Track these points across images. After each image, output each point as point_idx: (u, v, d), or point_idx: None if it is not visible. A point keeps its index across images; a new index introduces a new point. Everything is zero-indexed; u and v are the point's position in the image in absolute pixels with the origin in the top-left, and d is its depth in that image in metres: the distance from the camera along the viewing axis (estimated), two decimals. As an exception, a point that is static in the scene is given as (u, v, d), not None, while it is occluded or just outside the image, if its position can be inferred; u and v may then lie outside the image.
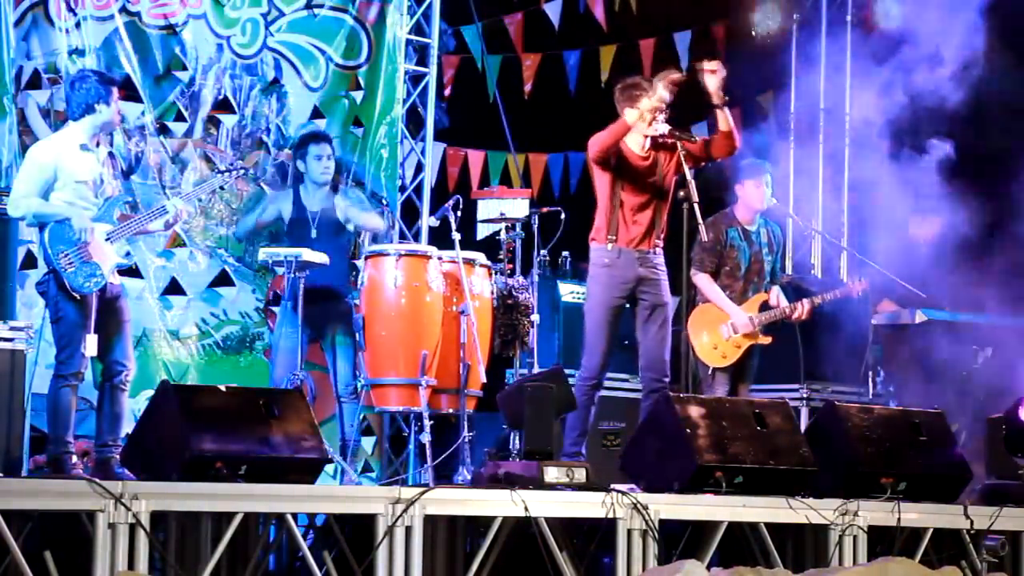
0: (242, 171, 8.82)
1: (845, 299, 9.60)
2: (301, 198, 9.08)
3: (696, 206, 8.09)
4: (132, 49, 9.54)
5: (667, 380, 8.24)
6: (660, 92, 8.13)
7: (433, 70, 10.68)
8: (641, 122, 8.22)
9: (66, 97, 7.91)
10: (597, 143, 8.20)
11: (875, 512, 7.78)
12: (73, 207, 7.66)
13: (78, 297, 7.57)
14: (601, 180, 8.34)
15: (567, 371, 8.90)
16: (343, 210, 9.08)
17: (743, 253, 9.33)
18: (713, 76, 8.15)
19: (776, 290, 9.34)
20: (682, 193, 8.20)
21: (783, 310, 9.25)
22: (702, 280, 9.25)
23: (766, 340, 9.24)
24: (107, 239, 7.72)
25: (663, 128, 8.23)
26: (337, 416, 9.04)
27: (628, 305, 8.32)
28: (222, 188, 9.15)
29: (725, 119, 8.23)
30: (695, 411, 7.70)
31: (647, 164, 8.30)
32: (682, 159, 8.18)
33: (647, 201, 8.29)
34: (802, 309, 9.25)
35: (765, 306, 9.28)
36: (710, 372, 9.19)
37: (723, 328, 9.19)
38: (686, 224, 8.25)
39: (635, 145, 8.31)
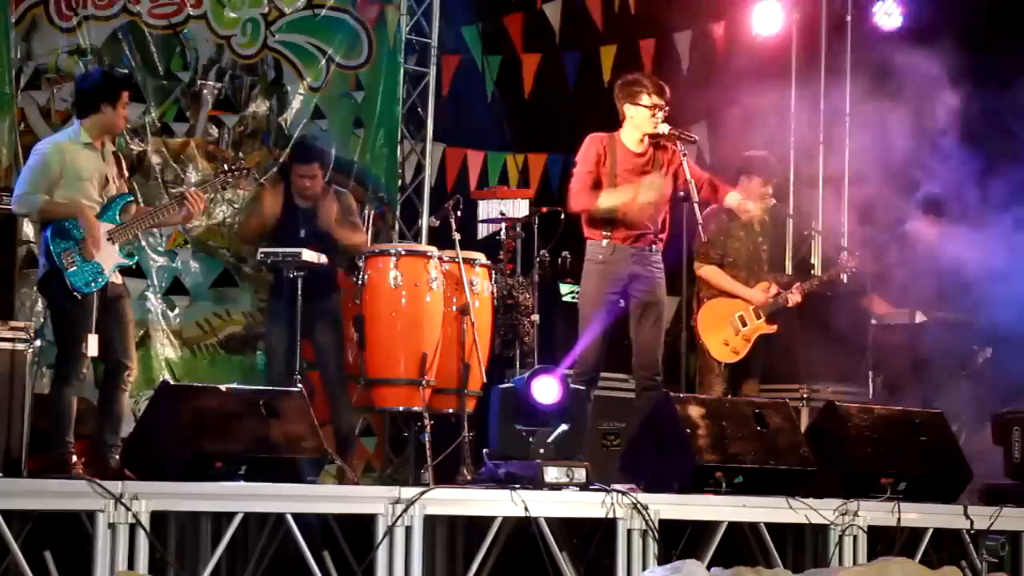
0: (245, 172, 8.81)
1: (841, 282, 9.65)
2: (292, 194, 9.04)
3: (696, 206, 8.10)
4: (133, 49, 9.53)
5: (660, 378, 8.25)
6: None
7: (433, 70, 10.68)
8: (644, 120, 8.24)
9: (75, 93, 7.90)
10: (572, 207, 8.23)
11: (875, 512, 7.79)
12: (77, 205, 7.66)
13: (79, 296, 7.57)
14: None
15: (568, 371, 8.90)
16: (332, 212, 9.02)
17: (742, 243, 9.38)
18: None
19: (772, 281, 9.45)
20: (682, 193, 8.21)
21: (784, 297, 9.32)
22: (709, 271, 9.30)
23: (772, 328, 9.30)
24: (109, 238, 7.72)
25: (663, 128, 8.24)
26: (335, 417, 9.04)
27: (622, 302, 8.32)
28: (224, 188, 9.14)
29: (735, 202, 8.45)
30: (695, 411, 7.71)
31: (643, 161, 8.30)
32: (684, 164, 8.18)
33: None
34: (795, 295, 9.36)
35: (768, 291, 9.36)
36: (722, 368, 9.23)
37: (732, 322, 9.24)
38: (686, 223, 8.26)
39: (632, 142, 8.31)
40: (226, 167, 8.74)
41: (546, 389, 7.73)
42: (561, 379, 7.81)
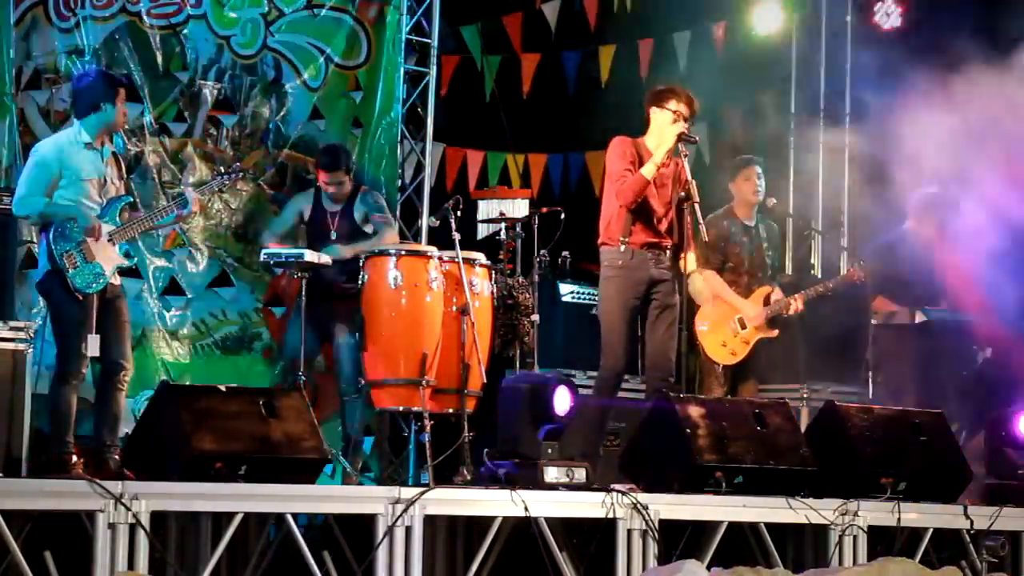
0: (241, 173, 8.82)
1: (846, 288, 9.65)
2: (322, 198, 9.10)
3: (696, 206, 8.13)
4: (132, 49, 9.52)
5: (673, 380, 8.28)
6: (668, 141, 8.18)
7: (433, 70, 10.66)
8: (665, 122, 8.29)
9: (72, 95, 7.88)
10: (625, 197, 8.20)
11: (875, 512, 7.79)
12: (78, 206, 7.66)
13: (80, 297, 7.57)
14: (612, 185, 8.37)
15: (568, 371, 8.90)
16: (362, 213, 9.09)
17: (744, 248, 9.39)
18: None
19: (775, 286, 9.45)
20: (683, 193, 8.23)
21: (786, 302, 9.33)
22: (707, 276, 9.30)
23: (773, 333, 9.31)
24: (110, 239, 7.72)
25: (674, 129, 8.28)
26: (339, 415, 9.06)
27: (640, 305, 8.35)
28: (221, 190, 9.14)
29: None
30: (695, 411, 7.71)
31: (664, 169, 8.35)
32: (685, 164, 8.22)
33: (661, 203, 8.32)
34: (796, 303, 9.36)
35: (768, 300, 9.36)
36: (720, 370, 9.23)
37: (731, 324, 9.25)
38: (687, 224, 8.27)
39: (655, 147, 8.35)
40: (223, 169, 8.76)
41: (562, 400, 7.77)
42: (571, 389, 7.83)
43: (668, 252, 8.36)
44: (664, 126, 8.33)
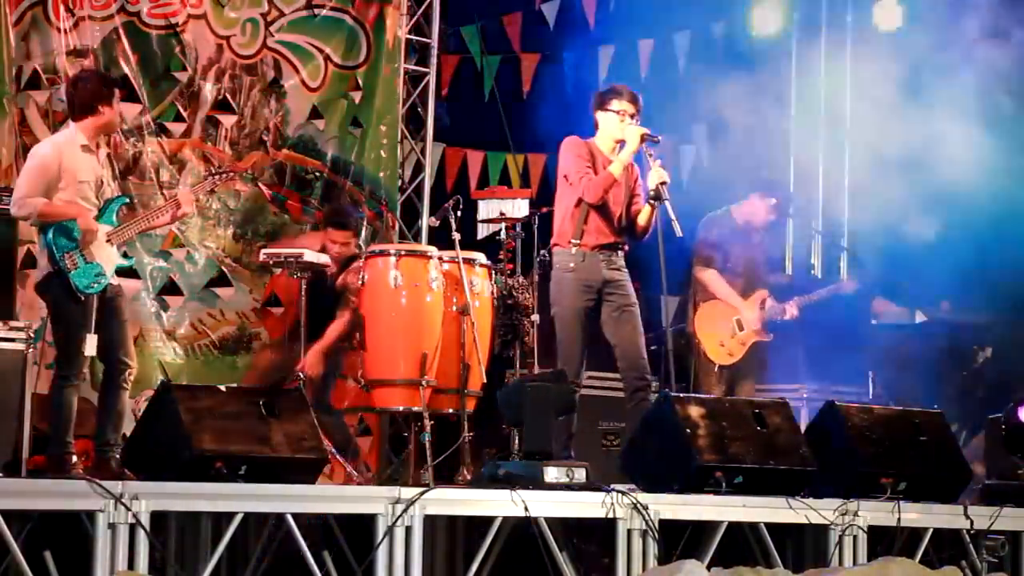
0: (232, 173, 8.81)
1: (838, 296, 9.67)
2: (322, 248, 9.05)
3: (667, 204, 8.13)
4: (131, 49, 9.51)
5: (649, 378, 8.28)
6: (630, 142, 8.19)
7: (433, 70, 10.67)
8: (613, 125, 8.29)
9: (67, 97, 7.89)
10: (594, 193, 8.20)
11: (875, 512, 7.79)
12: (77, 207, 7.66)
13: (81, 298, 7.57)
14: (567, 186, 8.37)
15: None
16: (350, 281, 9.01)
17: (743, 250, 9.41)
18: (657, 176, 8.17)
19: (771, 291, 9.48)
20: (652, 193, 8.23)
21: (781, 308, 9.34)
22: (708, 276, 9.34)
23: (768, 337, 9.34)
24: (108, 239, 7.73)
25: (632, 131, 8.28)
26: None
27: (594, 307, 8.35)
28: (213, 191, 9.14)
29: (648, 216, 8.27)
30: (695, 411, 7.71)
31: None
32: (654, 164, 8.19)
33: (616, 203, 8.32)
34: (792, 309, 9.38)
35: (764, 304, 9.37)
36: (716, 370, 9.25)
37: (729, 325, 9.26)
38: (660, 224, 8.27)
39: (606, 149, 8.36)
40: (214, 169, 8.76)
41: None
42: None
43: (621, 252, 8.37)
44: (613, 127, 8.32)
